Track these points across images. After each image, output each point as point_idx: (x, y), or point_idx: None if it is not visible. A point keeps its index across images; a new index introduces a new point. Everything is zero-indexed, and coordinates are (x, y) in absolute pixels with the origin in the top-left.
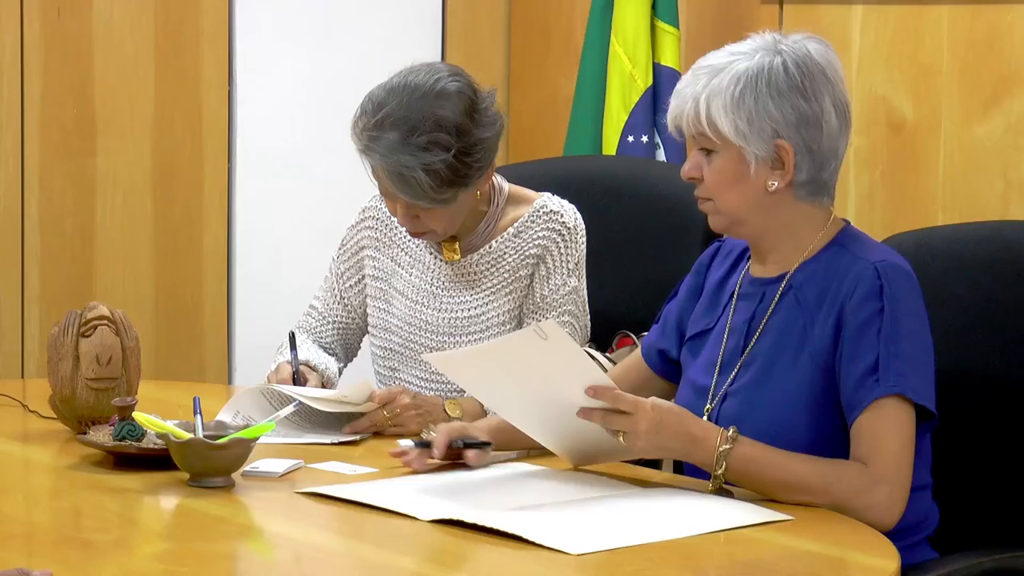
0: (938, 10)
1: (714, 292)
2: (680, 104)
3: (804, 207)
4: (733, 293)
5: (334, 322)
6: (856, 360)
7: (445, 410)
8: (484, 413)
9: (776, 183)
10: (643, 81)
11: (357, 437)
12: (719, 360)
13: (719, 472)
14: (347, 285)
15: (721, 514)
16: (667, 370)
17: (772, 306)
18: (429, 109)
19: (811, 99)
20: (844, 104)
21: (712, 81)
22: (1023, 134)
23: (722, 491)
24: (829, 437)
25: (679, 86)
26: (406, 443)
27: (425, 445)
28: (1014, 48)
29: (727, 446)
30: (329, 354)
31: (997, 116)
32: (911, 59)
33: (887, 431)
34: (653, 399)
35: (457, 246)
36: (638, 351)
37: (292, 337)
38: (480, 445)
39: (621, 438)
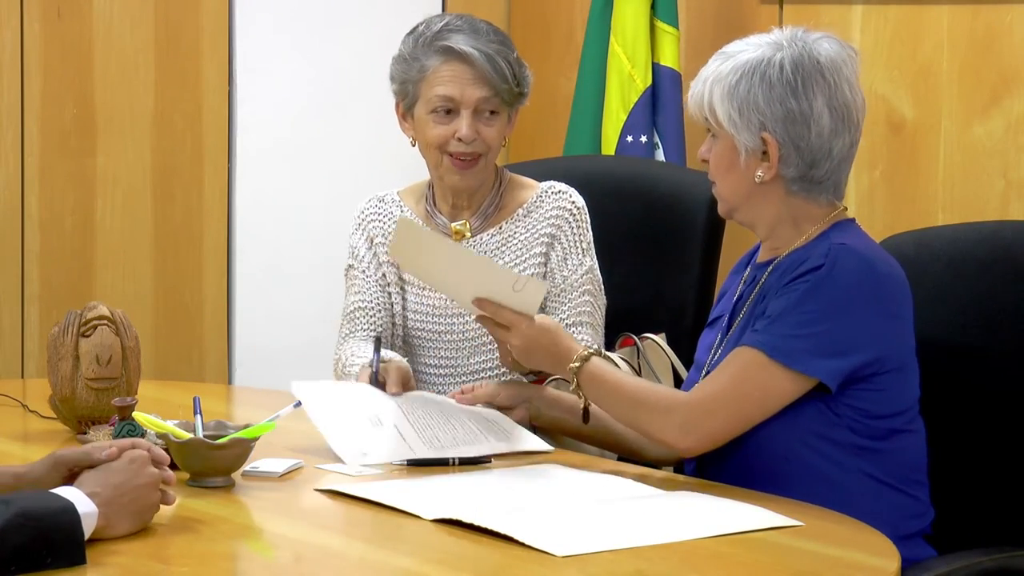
0: (938, 10)
1: (736, 283)
2: (695, 86)
3: (798, 202)
4: (742, 279)
5: (385, 308)
6: (760, 317)
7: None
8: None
9: (762, 174)
10: (642, 81)
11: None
12: (716, 340)
13: (573, 387)
14: (379, 275)
15: (726, 518)
16: None
17: (756, 289)
18: (486, 23)
19: (801, 98)
20: (843, 105)
21: (720, 67)
22: (1023, 134)
23: (585, 412)
24: (788, 408)
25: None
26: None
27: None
28: (1014, 48)
29: (577, 364)
30: (393, 348)
31: (997, 116)
32: (911, 59)
33: (722, 371)
34: (538, 319)
35: (467, 224)
36: None
37: (377, 341)
38: (477, 461)
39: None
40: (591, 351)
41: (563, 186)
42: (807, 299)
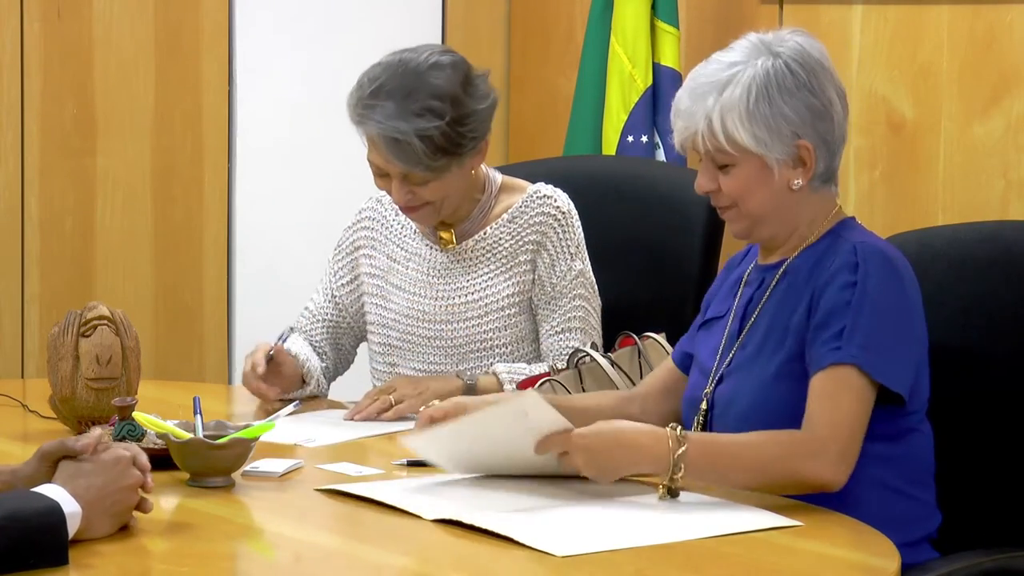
0: (938, 10)
1: (733, 282)
2: (690, 124)
3: (816, 198)
4: (742, 280)
5: (324, 320)
6: (824, 328)
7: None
8: (501, 389)
9: (799, 181)
10: (643, 81)
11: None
12: (722, 344)
13: (677, 476)
14: (339, 284)
15: (726, 518)
16: None
17: (769, 291)
18: (423, 79)
19: (818, 93)
20: (841, 89)
21: (722, 96)
22: (1023, 134)
23: (671, 492)
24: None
25: (680, 106)
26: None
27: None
28: (1014, 48)
29: (682, 449)
30: (317, 353)
31: (997, 116)
32: (911, 59)
33: (837, 396)
34: (583, 430)
35: (452, 233)
36: (669, 359)
37: (288, 331)
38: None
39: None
40: (678, 426)
41: (549, 189)
42: (862, 305)
